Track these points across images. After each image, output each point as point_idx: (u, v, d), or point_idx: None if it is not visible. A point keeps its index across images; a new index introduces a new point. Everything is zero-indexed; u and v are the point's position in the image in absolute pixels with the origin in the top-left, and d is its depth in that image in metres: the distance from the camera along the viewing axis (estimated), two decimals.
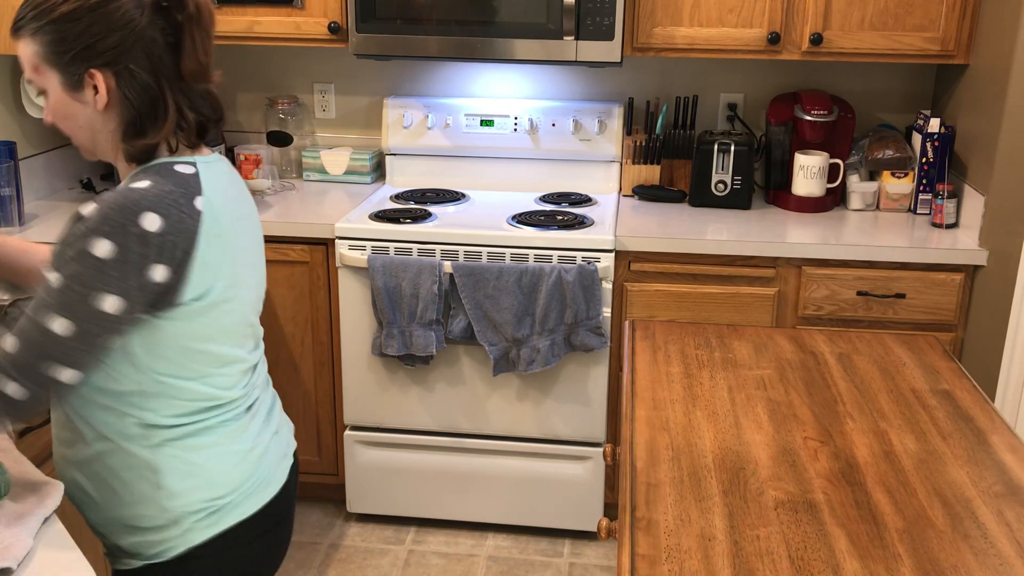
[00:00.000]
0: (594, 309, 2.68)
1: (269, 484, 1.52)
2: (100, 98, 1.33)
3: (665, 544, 1.36)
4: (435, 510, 2.99)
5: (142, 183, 1.30)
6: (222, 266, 1.37)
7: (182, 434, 1.40)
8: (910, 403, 1.80)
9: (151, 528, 1.42)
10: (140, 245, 1.26)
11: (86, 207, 1.29)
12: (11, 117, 2.82)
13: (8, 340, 1.27)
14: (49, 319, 1.25)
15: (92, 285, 1.25)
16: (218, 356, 1.40)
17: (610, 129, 3.11)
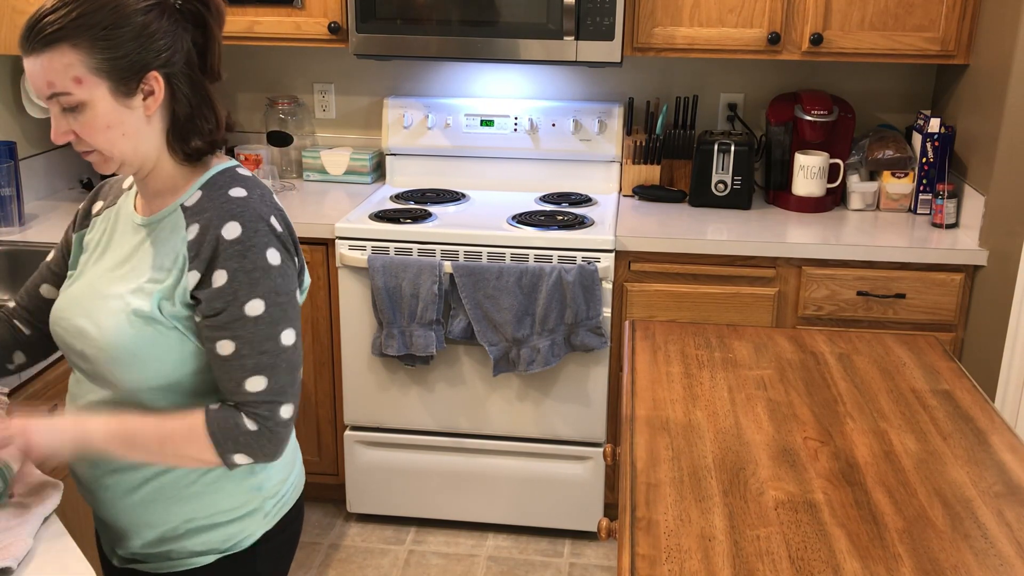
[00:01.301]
0: (594, 309, 2.68)
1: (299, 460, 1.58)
2: (153, 102, 1.31)
3: (665, 544, 1.36)
4: (435, 510, 2.99)
5: (238, 191, 1.36)
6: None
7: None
8: (910, 403, 1.79)
9: (235, 520, 1.44)
10: (287, 242, 1.37)
11: (228, 230, 1.31)
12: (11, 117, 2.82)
13: (253, 381, 1.32)
14: (279, 336, 1.33)
15: (288, 288, 1.35)
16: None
17: (610, 129, 3.11)
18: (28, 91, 2.74)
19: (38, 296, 1.55)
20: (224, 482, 1.41)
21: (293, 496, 1.52)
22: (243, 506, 1.43)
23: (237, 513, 1.43)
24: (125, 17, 1.27)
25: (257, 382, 1.32)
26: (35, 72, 1.27)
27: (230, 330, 1.31)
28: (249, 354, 1.31)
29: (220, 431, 1.32)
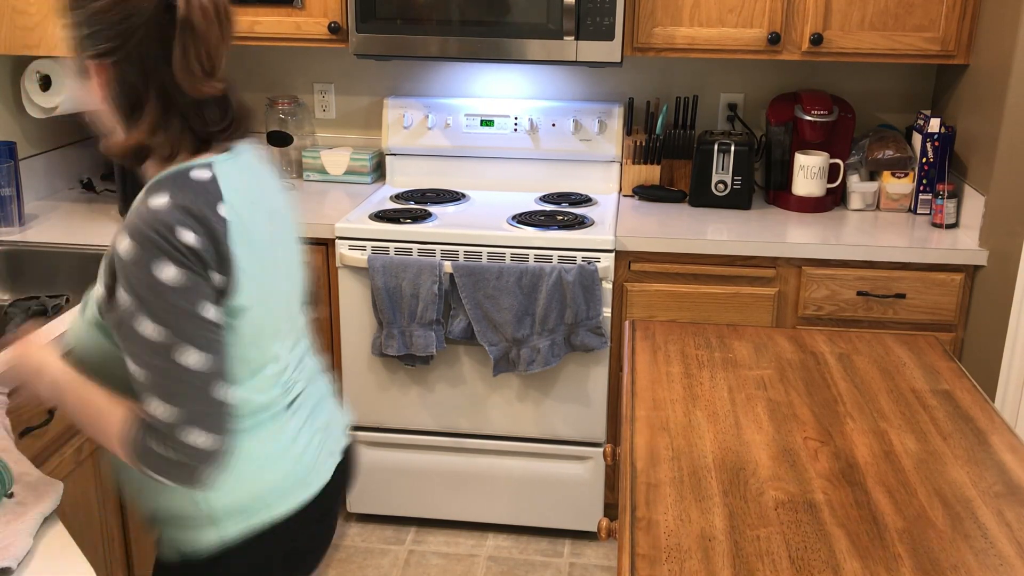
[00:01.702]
0: (594, 309, 2.68)
1: (308, 484, 1.47)
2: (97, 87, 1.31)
3: (665, 544, 1.36)
4: (435, 510, 2.99)
5: (159, 199, 1.26)
6: (255, 269, 1.33)
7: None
8: (910, 403, 1.79)
9: (188, 526, 1.40)
10: (192, 256, 1.25)
11: (120, 242, 1.24)
12: (11, 117, 2.82)
13: (154, 405, 1.24)
14: (178, 359, 1.23)
15: (188, 306, 1.24)
16: (253, 360, 1.37)
17: (610, 129, 3.11)
18: (28, 91, 2.74)
19: None
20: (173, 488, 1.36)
21: (271, 512, 1.42)
22: (189, 515, 1.39)
23: (189, 521, 1.40)
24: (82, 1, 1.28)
25: (158, 406, 1.24)
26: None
27: (129, 349, 1.25)
28: (149, 376, 1.24)
29: (137, 439, 1.27)
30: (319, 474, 1.50)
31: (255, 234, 1.35)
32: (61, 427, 1.98)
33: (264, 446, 1.41)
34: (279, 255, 1.41)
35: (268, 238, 1.38)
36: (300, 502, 1.46)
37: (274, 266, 1.39)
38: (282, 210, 1.46)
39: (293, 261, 1.47)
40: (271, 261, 1.38)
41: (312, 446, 1.49)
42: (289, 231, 1.47)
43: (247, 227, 1.33)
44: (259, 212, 1.37)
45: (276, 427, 1.43)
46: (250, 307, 1.32)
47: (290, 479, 1.44)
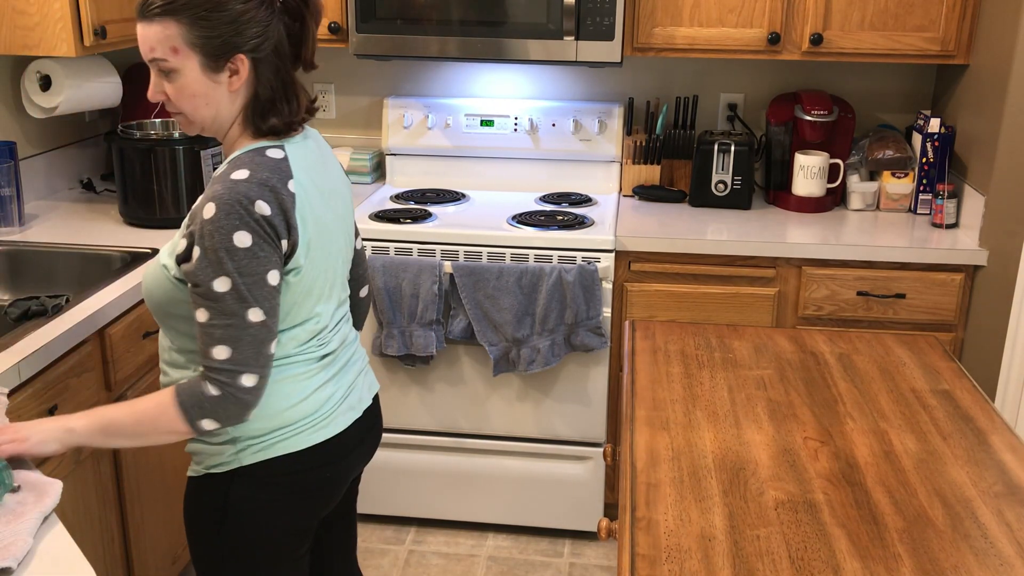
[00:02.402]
0: (594, 309, 2.68)
1: (324, 428, 1.63)
2: (236, 80, 1.50)
3: (665, 544, 1.36)
4: (435, 510, 2.99)
5: (241, 173, 1.46)
6: (312, 239, 1.53)
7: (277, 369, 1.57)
8: (910, 403, 1.80)
9: (211, 444, 1.59)
10: (267, 226, 1.44)
11: (206, 209, 1.43)
12: (11, 117, 2.82)
13: (218, 350, 1.45)
14: (245, 313, 1.44)
15: (256, 270, 1.44)
16: (297, 315, 1.56)
17: (610, 129, 3.11)
18: (28, 91, 2.74)
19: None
20: None
21: (285, 446, 1.59)
22: (218, 434, 1.57)
23: (213, 438, 1.58)
24: (225, 3, 1.46)
25: (222, 351, 1.45)
26: (143, 37, 1.48)
27: (204, 300, 1.45)
28: (218, 324, 1.44)
29: (188, 399, 1.46)
30: (335, 424, 1.65)
31: (315, 208, 1.54)
32: None
33: (290, 387, 1.58)
34: (332, 229, 1.60)
35: (324, 213, 1.57)
36: (312, 443, 1.61)
37: (328, 238, 1.59)
38: (339, 190, 1.66)
39: (343, 236, 1.66)
40: (326, 233, 1.58)
41: (334, 398, 1.66)
42: (343, 209, 1.67)
43: (310, 201, 1.53)
44: (319, 189, 1.57)
45: (305, 374, 1.60)
46: (304, 270, 1.52)
47: (307, 421, 1.61)
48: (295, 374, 1.59)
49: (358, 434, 1.73)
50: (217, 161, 2.74)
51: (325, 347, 1.64)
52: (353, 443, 1.71)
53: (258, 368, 1.47)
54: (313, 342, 1.61)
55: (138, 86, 3.18)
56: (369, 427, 1.77)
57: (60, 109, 2.73)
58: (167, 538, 2.49)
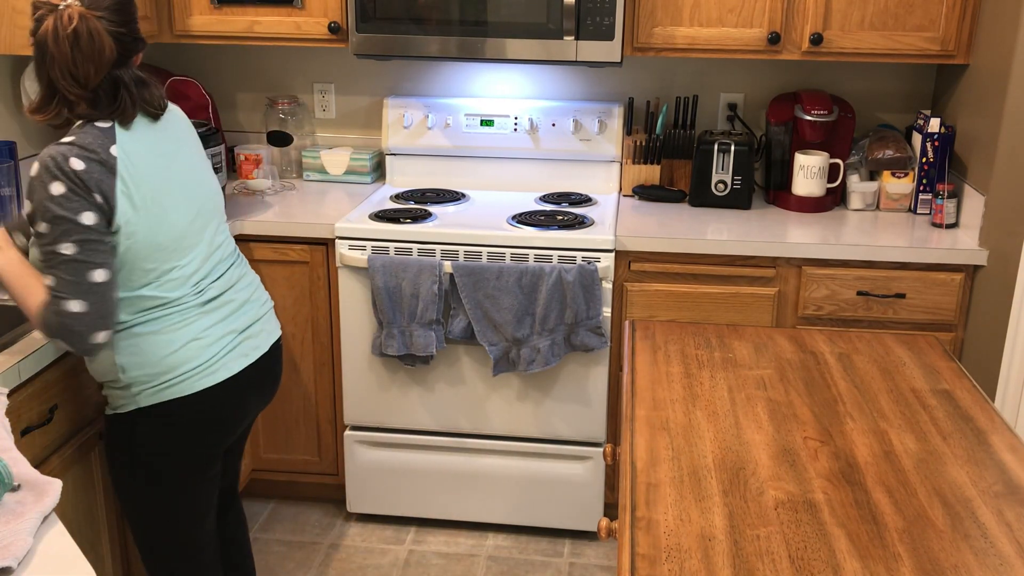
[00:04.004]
0: (594, 309, 2.68)
1: (214, 373, 1.87)
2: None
3: (665, 544, 1.36)
4: (435, 510, 2.99)
5: (67, 139, 1.73)
6: (143, 197, 1.77)
7: (132, 324, 1.81)
8: (910, 403, 1.80)
9: (114, 388, 1.85)
10: (77, 179, 1.69)
11: (32, 167, 1.71)
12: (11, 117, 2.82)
13: (47, 279, 1.71)
14: (59, 248, 1.68)
15: (68, 213, 1.68)
16: (153, 269, 1.79)
17: (610, 129, 3.11)
18: (28, 91, 2.74)
19: None
20: (103, 352, 1.81)
21: (177, 390, 1.83)
22: (115, 380, 1.83)
23: (115, 384, 1.84)
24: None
25: (48, 279, 1.71)
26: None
27: (36, 243, 1.72)
28: (44, 260, 1.71)
29: (41, 315, 1.72)
30: (226, 368, 1.89)
31: (144, 169, 1.78)
32: (61, 427, 1.98)
33: (169, 336, 1.82)
34: (173, 187, 1.83)
35: (159, 173, 1.81)
36: (202, 387, 1.85)
37: (169, 196, 1.81)
38: (179, 151, 1.88)
39: (190, 190, 1.87)
40: (164, 192, 1.80)
41: (222, 342, 1.88)
42: (187, 166, 1.89)
43: (136, 163, 1.76)
44: (151, 152, 1.80)
45: (184, 321, 1.84)
46: (136, 227, 1.75)
47: (195, 367, 1.84)
48: (173, 324, 1.82)
49: (256, 376, 1.96)
50: (217, 161, 2.74)
51: (204, 293, 1.87)
52: (247, 385, 1.93)
53: (80, 295, 1.69)
54: (186, 288, 1.84)
55: None
56: (267, 370, 1.99)
57: None
58: None
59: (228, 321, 1.90)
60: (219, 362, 1.87)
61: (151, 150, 1.81)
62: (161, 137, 1.86)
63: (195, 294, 1.85)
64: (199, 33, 2.96)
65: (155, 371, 1.81)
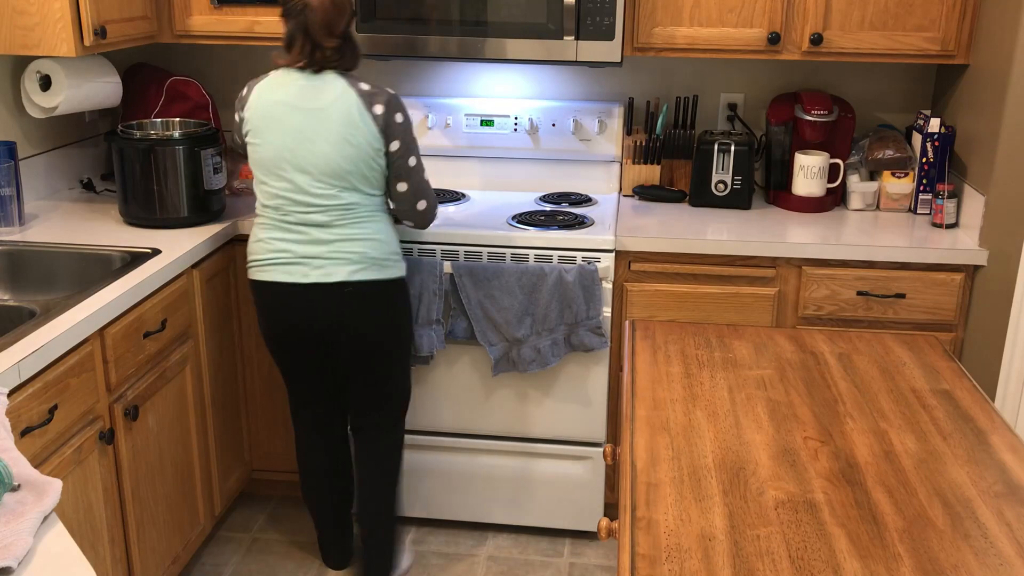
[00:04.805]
0: (594, 309, 2.68)
1: (261, 270, 2.38)
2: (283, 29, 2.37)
3: (665, 544, 1.36)
4: (435, 510, 2.99)
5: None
6: (253, 121, 2.34)
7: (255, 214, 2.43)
8: (910, 403, 1.80)
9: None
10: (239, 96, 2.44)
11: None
12: (11, 117, 2.82)
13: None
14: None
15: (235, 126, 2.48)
16: (258, 175, 2.36)
17: (610, 129, 3.11)
18: (28, 91, 2.74)
19: None
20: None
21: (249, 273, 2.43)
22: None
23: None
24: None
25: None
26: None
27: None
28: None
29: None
30: (275, 273, 2.36)
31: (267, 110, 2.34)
32: (61, 427, 1.98)
33: (257, 229, 2.39)
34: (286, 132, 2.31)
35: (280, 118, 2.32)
36: (256, 278, 2.40)
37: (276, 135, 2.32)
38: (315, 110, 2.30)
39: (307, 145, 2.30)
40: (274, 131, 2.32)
41: (279, 253, 2.35)
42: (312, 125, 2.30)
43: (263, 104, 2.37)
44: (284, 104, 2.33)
45: (265, 222, 2.37)
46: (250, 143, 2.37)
47: (258, 259, 2.38)
48: (262, 222, 2.37)
49: (304, 299, 2.35)
50: (217, 162, 2.75)
51: (286, 216, 2.33)
52: (292, 299, 2.36)
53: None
54: (274, 206, 2.34)
55: (138, 86, 3.18)
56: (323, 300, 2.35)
57: (60, 109, 2.73)
58: (167, 538, 2.49)
59: (290, 244, 2.34)
60: (266, 267, 2.36)
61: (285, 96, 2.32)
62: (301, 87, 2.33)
63: (276, 209, 2.34)
64: (199, 33, 2.96)
65: (248, 250, 2.42)
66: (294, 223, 2.33)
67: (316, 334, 2.41)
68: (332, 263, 2.34)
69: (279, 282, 2.36)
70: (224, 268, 2.78)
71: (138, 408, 2.28)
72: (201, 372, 2.66)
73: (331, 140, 2.29)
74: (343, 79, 2.32)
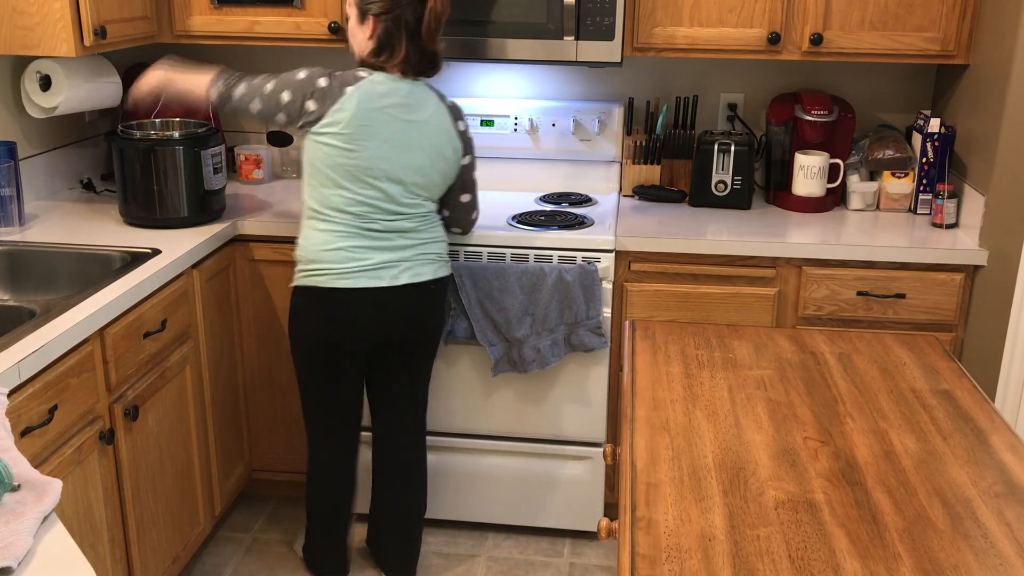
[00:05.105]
0: (594, 309, 2.68)
1: (341, 278, 2.31)
2: (367, 29, 2.32)
3: (665, 544, 1.36)
4: (435, 510, 2.99)
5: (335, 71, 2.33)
6: (347, 128, 2.26)
7: (315, 216, 2.34)
8: (910, 403, 1.80)
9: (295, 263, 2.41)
10: (313, 82, 2.32)
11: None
12: (11, 117, 2.82)
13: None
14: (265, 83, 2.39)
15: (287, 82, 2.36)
16: (338, 181, 2.29)
17: (610, 129, 3.11)
18: (28, 91, 2.74)
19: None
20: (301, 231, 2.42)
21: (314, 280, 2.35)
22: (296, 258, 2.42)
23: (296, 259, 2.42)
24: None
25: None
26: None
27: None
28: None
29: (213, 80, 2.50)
30: (355, 280, 2.32)
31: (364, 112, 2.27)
32: (61, 427, 1.98)
33: (328, 235, 2.32)
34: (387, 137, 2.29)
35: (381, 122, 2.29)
36: (337, 286, 2.32)
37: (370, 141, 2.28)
38: (412, 120, 2.32)
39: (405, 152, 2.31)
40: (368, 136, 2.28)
41: (361, 261, 2.32)
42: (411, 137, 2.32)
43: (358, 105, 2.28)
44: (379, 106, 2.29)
45: (342, 232, 2.31)
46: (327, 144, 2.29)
47: (330, 266, 2.32)
48: (337, 229, 2.31)
49: (386, 302, 2.36)
50: (217, 162, 2.74)
51: (370, 224, 2.32)
52: (377, 304, 2.35)
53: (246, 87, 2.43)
54: (357, 213, 2.30)
55: None
56: (405, 300, 2.38)
57: (60, 109, 2.73)
58: (167, 538, 2.49)
59: (375, 251, 2.33)
60: (347, 272, 2.31)
61: (383, 102, 2.29)
62: (401, 96, 2.32)
63: (357, 219, 2.31)
64: (199, 33, 2.96)
65: (310, 257, 2.33)
66: (380, 231, 2.33)
67: (386, 336, 2.43)
68: (419, 263, 2.39)
69: (365, 288, 2.33)
70: (224, 268, 2.78)
71: (138, 408, 2.28)
72: (201, 372, 2.66)
73: (428, 153, 2.34)
74: (433, 90, 2.39)
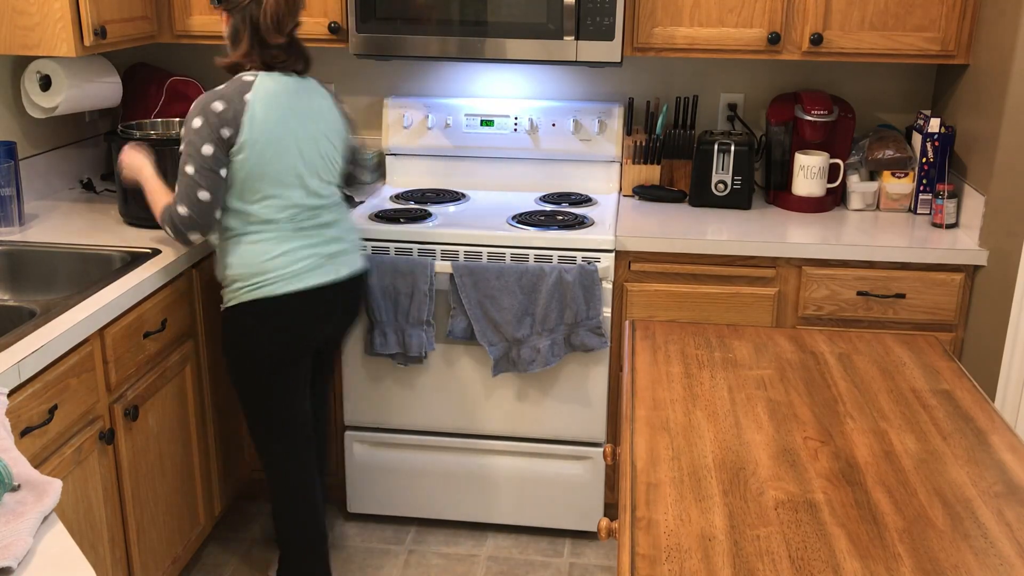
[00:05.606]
0: (594, 309, 2.68)
1: (299, 281, 2.29)
2: (223, 24, 2.32)
3: (665, 544, 1.36)
4: (435, 510, 2.99)
5: (220, 87, 2.24)
6: (261, 134, 2.22)
7: (242, 233, 2.29)
8: (910, 403, 1.80)
9: (225, 286, 2.34)
10: (214, 117, 2.19)
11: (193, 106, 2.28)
12: (11, 117, 2.82)
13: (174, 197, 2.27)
14: (184, 167, 2.21)
15: (196, 141, 2.19)
16: (255, 191, 2.25)
17: (610, 129, 3.11)
18: (28, 91, 2.74)
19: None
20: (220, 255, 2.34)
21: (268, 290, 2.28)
22: (225, 278, 2.34)
23: (225, 281, 2.34)
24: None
25: (176, 186, 2.25)
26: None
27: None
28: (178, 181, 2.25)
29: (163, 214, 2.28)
30: (311, 278, 2.31)
31: (268, 115, 2.23)
32: (61, 427, 1.98)
33: (265, 245, 2.28)
34: (294, 133, 2.27)
35: (284, 121, 2.26)
36: (288, 291, 2.29)
37: (280, 140, 2.25)
38: (310, 112, 2.32)
39: (310, 144, 2.31)
40: (277, 136, 2.24)
41: (307, 259, 2.31)
42: (314, 127, 2.32)
43: (262, 110, 2.22)
44: (279, 106, 2.25)
45: (278, 238, 2.29)
46: (249, 156, 2.22)
47: (282, 272, 2.28)
48: (272, 237, 2.28)
49: (334, 296, 2.37)
50: None
51: (300, 223, 2.31)
52: (327, 299, 2.35)
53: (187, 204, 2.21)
54: (283, 215, 2.28)
55: (138, 86, 3.18)
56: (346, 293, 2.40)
57: (60, 109, 2.73)
58: (167, 538, 2.49)
59: (316, 247, 2.32)
60: (304, 274, 2.30)
61: (278, 97, 2.27)
62: (288, 88, 2.30)
63: (289, 221, 2.29)
64: (199, 33, 2.96)
65: (251, 272, 2.28)
66: (309, 228, 2.33)
67: (335, 330, 2.45)
68: (348, 254, 2.41)
69: (317, 286, 2.32)
70: None
71: (138, 408, 2.28)
72: (201, 372, 2.66)
73: (332, 139, 2.38)
74: (311, 78, 2.41)
